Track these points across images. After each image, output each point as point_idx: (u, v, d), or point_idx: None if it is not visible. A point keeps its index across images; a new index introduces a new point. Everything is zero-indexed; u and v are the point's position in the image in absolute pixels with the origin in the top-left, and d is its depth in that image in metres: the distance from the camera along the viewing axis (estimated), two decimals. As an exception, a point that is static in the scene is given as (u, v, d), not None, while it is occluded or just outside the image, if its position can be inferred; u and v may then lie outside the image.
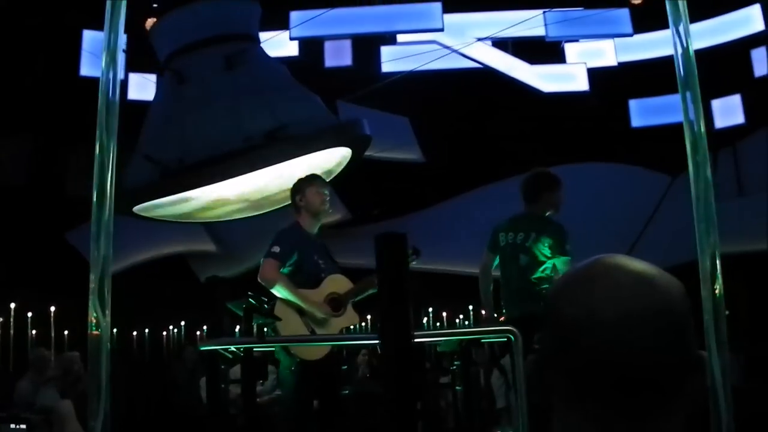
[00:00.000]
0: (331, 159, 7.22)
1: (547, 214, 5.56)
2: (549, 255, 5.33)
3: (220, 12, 7.27)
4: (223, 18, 7.27)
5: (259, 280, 4.87)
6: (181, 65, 6.93)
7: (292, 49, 13.81)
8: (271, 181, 7.09)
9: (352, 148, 7.05)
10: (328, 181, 5.92)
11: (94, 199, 0.83)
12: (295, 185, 5.29)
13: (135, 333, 12.95)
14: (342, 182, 14.11)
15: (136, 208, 7.07)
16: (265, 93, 7.10)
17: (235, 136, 6.32)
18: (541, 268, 5.32)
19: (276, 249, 4.92)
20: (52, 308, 10.11)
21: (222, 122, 6.49)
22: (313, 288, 4.92)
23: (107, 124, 0.77)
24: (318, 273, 4.98)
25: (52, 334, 9.87)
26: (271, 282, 4.82)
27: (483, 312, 6.04)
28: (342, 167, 7.76)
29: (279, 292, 4.85)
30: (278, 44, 13.76)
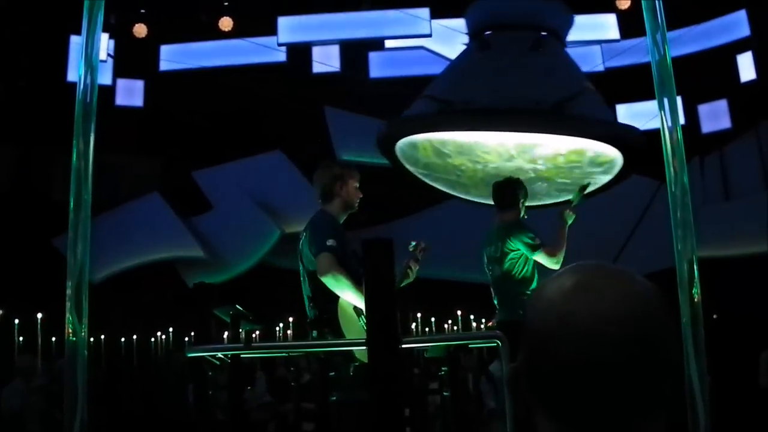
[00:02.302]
0: (604, 154, 7.32)
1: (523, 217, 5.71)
2: (521, 254, 5.45)
3: (540, 7, 7.86)
4: (541, 13, 7.82)
5: (320, 277, 4.42)
6: (490, 37, 7.40)
7: (280, 55, 13.83)
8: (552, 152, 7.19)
9: (624, 155, 7.17)
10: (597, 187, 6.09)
11: (71, 205, 0.83)
12: (335, 172, 4.90)
13: (123, 339, 12.89)
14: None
15: (402, 141, 7.14)
16: (559, 75, 7.40)
17: (526, 98, 6.53)
18: (520, 272, 5.44)
19: (331, 242, 4.46)
20: (39, 315, 10.05)
21: (516, 86, 6.73)
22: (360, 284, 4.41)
23: (84, 130, 0.77)
24: (360, 267, 4.50)
25: (39, 341, 9.81)
26: (337, 276, 4.38)
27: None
28: (610, 174, 7.82)
29: (344, 288, 4.42)
30: (266, 49, 13.79)
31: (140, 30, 14.09)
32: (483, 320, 9.78)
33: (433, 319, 11.42)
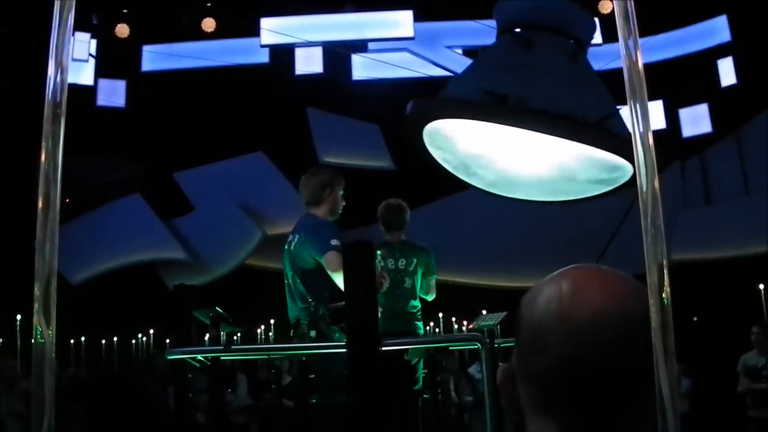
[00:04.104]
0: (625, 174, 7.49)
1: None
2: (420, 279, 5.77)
3: (579, 16, 8.02)
4: (579, 22, 7.96)
5: (333, 273, 4.57)
6: (531, 35, 7.50)
7: (263, 56, 13.80)
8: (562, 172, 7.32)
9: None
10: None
11: (40, 207, 0.83)
12: (324, 178, 5.11)
13: (103, 341, 12.82)
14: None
15: (436, 123, 7.15)
16: (598, 90, 7.51)
17: (576, 109, 6.64)
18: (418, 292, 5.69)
19: (335, 242, 4.66)
20: (18, 317, 9.97)
21: (565, 93, 6.81)
22: None
23: (53, 130, 0.77)
24: None
25: (18, 344, 9.73)
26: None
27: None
28: (612, 185, 7.94)
29: None
30: (249, 51, 13.77)
31: (122, 30, 14.02)
32: (464, 323, 9.80)
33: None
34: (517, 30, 7.68)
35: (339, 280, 4.57)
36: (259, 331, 10.86)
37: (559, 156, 7.20)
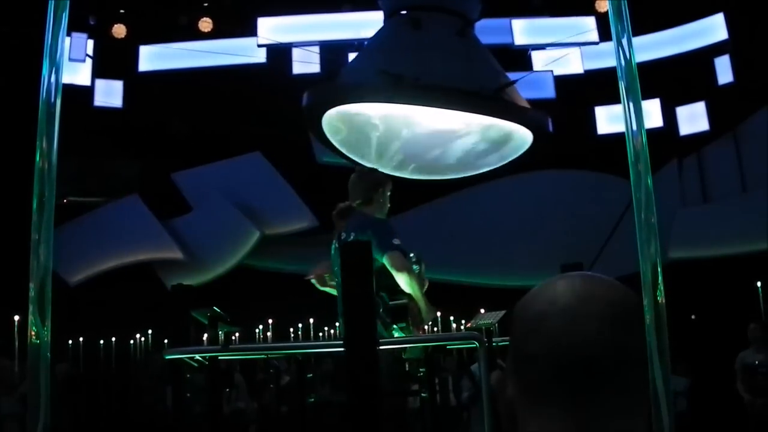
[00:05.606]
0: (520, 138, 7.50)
1: None
2: None
3: None
4: (464, 1, 8.04)
5: (397, 273, 4.59)
6: (419, 16, 7.53)
7: (260, 56, 13.79)
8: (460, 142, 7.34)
9: (535, 138, 7.38)
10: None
11: (34, 206, 0.83)
12: (379, 178, 5.13)
13: (101, 341, 12.81)
14: (309, 189, 14.14)
15: (336, 110, 7.12)
16: (489, 63, 7.57)
17: (470, 82, 6.66)
18: None
19: (398, 241, 4.67)
20: (16, 318, 9.95)
21: (457, 68, 6.84)
22: None
23: (47, 130, 0.77)
24: None
25: (16, 345, 9.72)
26: (408, 273, 4.60)
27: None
28: (513, 155, 7.99)
29: (411, 286, 4.63)
30: (246, 51, 13.75)
31: (119, 30, 14.02)
32: (463, 322, 9.81)
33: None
34: (404, 12, 7.72)
35: (401, 279, 4.59)
36: (257, 330, 10.86)
37: (458, 130, 7.28)
